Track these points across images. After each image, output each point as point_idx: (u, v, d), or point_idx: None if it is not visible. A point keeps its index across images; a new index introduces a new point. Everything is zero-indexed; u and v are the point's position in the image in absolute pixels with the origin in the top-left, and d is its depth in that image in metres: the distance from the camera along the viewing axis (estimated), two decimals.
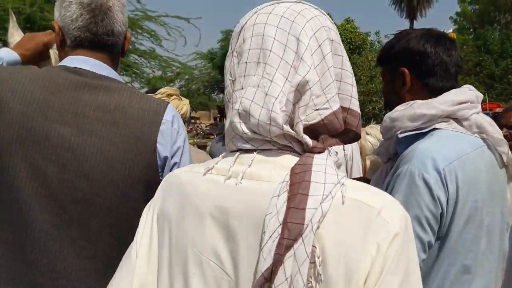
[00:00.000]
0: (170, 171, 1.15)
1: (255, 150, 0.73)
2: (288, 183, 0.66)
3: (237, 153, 0.75)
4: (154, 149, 1.13)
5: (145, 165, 1.12)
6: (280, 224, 0.62)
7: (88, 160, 1.08)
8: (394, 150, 1.32)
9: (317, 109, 0.72)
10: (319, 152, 0.70)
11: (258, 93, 0.71)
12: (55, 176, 1.06)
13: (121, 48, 1.26)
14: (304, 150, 0.72)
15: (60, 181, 1.06)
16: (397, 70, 1.32)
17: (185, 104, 2.26)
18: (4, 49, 1.45)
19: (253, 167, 0.72)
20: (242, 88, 0.74)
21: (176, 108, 1.81)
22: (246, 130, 0.72)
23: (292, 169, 0.67)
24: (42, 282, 1.07)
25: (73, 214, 1.07)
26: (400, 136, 1.26)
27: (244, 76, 0.74)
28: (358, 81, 20.02)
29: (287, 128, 0.70)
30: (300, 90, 0.70)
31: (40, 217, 1.06)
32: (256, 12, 0.77)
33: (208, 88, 31.52)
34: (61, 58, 1.23)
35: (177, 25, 9.47)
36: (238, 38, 0.78)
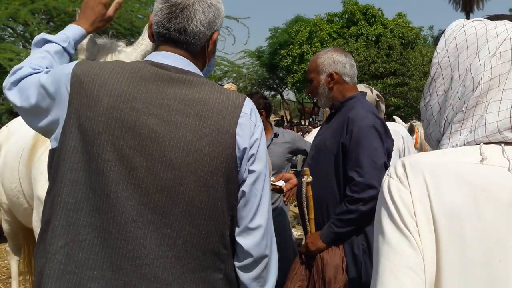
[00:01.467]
0: (248, 162, 1.20)
1: None
2: None
3: (501, 146, 0.80)
4: (233, 141, 1.17)
5: (225, 156, 1.15)
6: None
7: (173, 150, 1.12)
8: None
9: None
10: None
11: None
12: (141, 165, 1.11)
13: (201, 48, 1.25)
14: None
15: (145, 169, 1.11)
16: None
17: None
18: (69, 26, 1.51)
19: None
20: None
21: None
22: None
23: None
24: (127, 268, 1.11)
25: (157, 201, 1.11)
26: None
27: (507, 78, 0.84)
28: (411, 77, 19.41)
29: None
30: None
31: (126, 204, 1.10)
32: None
33: (255, 86, 31.65)
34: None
35: (226, 25, 9.60)
36: (501, 45, 0.86)
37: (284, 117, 30.60)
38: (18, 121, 3.30)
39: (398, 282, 0.74)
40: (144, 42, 1.81)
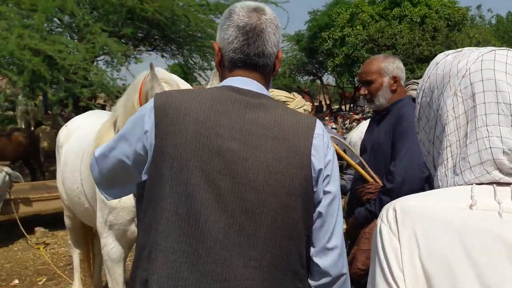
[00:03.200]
0: (323, 183, 1.23)
1: (511, 184, 0.80)
2: None
3: (492, 186, 0.80)
4: (309, 162, 1.20)
5: (303, 176, 1.19)
6: None
7: (255, 173, 1.15)
8: None
9: None
10: None
11: None
12: (228, 188, 1.14)
13: (272, 67, 1.32)
14: None
15: (231, 192, 1.14)
16: None
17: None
18: None
19: None
20: (487, 125, 0.82)
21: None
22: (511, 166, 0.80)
23: None
24: None
25: (242, 223, 1.14)
26: None
27: (486, 114, 0.83)
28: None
29: None
30: None
31: (215, 227, 1.13)
32: (477, 59, 0.87)
33: (294, 71, 31.34)
34: (220, 76, 1.34)
35: None
36: (461, 82, 0.87)
37: (323, 102, 30.24)
38: (77, 121, 3.36)
39: None
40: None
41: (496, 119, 0.82)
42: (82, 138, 2.79)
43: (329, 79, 33.21)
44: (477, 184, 0.81)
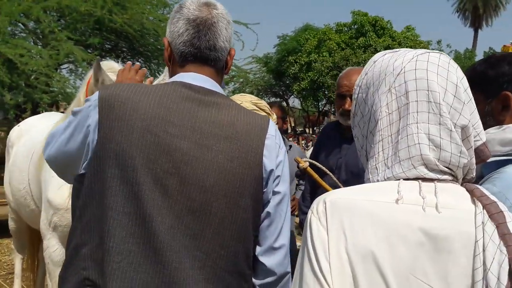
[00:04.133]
0: (273, 183, 1.22)
1: (435, 180, 0.85)
2: (485, 212, 0.81)
3: (418, 182, 0.84)
4: (260, 162, 1.18)
5: (253, 176, 1.17)
6: (498, 248, 0.77)
7: (205, 173, 1.13)
8: (480, 173, 1.27)
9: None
10: (469, 181, 0.90)
11: (442, 130, 0.86)
12: (175, 188, 1.11)
13: (224, 63, 1.29)
14: (459, 180, 0.89)
15: (178, 192, 1.11)
16: (499, 93, 1.27)
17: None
18: None
19: (439, 196, 0.83)
20: (418, 123, 0.86)
21: None
22: (437, 162, 0.85)
23: (479, 199, 0.83)
24: None
25: (189, 224, 1.12)
26: (488, 160, 1.21)
27: (417, 112, 0.87)
28: None
29: (472, 160, 0.88)
30: (465, 129, 0.88)
31: (161, 228, 1.10)
32: (412, 59, 0.91)
33: (261, 92, 31.68)
34: (170, 72, 1.30)
35: (236, 30, 9.63)
36: (395, 79, 0.91)
37: (289, 124, 30.60)
38: (30, 121, 3.33)
39: None
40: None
41: (426, 117, 0.86)
42: (34, 138, 2.77)
43: (295, 102, 33.71)
44: (404, 179, 0.85)
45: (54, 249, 2.41)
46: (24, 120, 3.51)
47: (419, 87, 0.87)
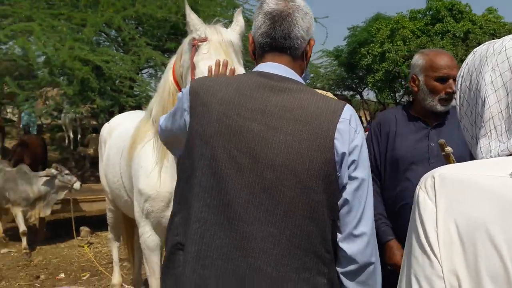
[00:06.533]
0: (348, 169, 1.23)
1: None
2: None
3: None
4: (331, 145, 1.21)
5: (324, 160, 1.20)
6: None
7: (274, 153, 1.20)
8: None
9: None
10: None
11: None
12: (247, 166, 1.21)
13: (302, 52, 1.35)
14: None
15: (251, 170, 1.21)
16: None
17: None
18: None
19: None
20: None
21: None
22: None
23: None
24: (235, 257, 1.21)
25: (262, 200, 1.20)
26: None
27: None
28: None
29: None
30: None
31: (235, 201, 1.21)
32: None
33: (333, 85, 31.21)
34: (255, 65, 1.40)
35: None
36: (497, 58, 0.90)
37: (364, 118, 29.87)
38: (118, 119, 3.60)
39: None
40: (238, 23, 2.12)
41: None
42: (123, 135, 2.95)
43: (369, 94, 32.82)
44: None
45: (148, 235, 2.54)
46: (112, 118, 3.79)
47: None
